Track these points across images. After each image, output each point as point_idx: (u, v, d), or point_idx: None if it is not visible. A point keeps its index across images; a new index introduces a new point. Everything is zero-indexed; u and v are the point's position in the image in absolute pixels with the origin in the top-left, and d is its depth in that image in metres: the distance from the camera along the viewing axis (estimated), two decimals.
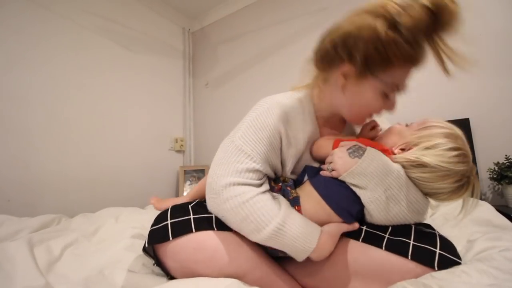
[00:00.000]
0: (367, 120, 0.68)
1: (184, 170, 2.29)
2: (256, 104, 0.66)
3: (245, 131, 0.60)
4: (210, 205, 0.58)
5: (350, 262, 0.53)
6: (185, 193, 2.19)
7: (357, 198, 0.54)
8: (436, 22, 0.49)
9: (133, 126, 2.06)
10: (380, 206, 0.52)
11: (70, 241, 0.82)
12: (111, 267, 0.67)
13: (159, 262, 0.60)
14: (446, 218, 0.80)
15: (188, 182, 2.26)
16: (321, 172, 0.60)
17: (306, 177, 0.63)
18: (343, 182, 0.56)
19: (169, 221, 0.57)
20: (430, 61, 1.64)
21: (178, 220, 0.57)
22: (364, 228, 0.56)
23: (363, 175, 0.53)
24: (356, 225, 0.56)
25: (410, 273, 0.48)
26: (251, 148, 0.58)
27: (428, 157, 0.50)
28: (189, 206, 0.61)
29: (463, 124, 1.39)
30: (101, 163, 1.81)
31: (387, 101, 0.60)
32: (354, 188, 0.55)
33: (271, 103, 0.63)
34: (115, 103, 1.95)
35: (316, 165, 0.67)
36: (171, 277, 0.60)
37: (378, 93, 0.57)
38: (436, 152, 0.51)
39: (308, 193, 0.59)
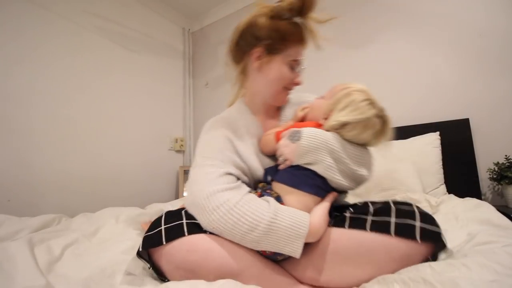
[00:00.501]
0: (285, 99, 0.80)
1: (184, 170, 2.29)
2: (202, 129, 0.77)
3: (200, 151, 0.70)
4: (200, 219, 0.59)
5: (340, 249, 0.56)
6: (185, 193, 2.19)
7: (316, 174, 0.61)
8: (303, 6, 0.70)
9: (133, 126, 2.06)
10: (333, 170, 0.59)
11: (70, 241, 0.82)
12: (112, 267, 0.67)
13: (154, 266, 0.60)
14: (447, 217, 0.80)
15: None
16: (279, 167, 0.65)
17: (269, 177, 0.68)
18: (299, 167, 0.62)
19: (163, 227, 0.58)
20: (428, 61, 1.64)
21: (172, 225, 0.58)
22: (348, 215, 0.60)
23: (308, 152, 0.59)
24: (334, 194, 0.63)
25: (395, 249, 0.52)
26: (211, 160, 0.65)
27: (345, 117, 0.60)
28: (182, 212, 0.62)
29: (463, 125, 1.39)
30: (101, 163, 1.81)
31: (294, 74, 0.76)
32: (310, 167, 0.61)
33: (211, 121, 0.77)
34: (115, 103, 1.95)
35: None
36: (166, 280, 0.59)
37: (285, 65, 0.73)
38: (349, 109, 0.60)
39: (282, 189, 0.63)
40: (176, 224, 0.58)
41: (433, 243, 0.53)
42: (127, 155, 1.98)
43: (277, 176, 0.65)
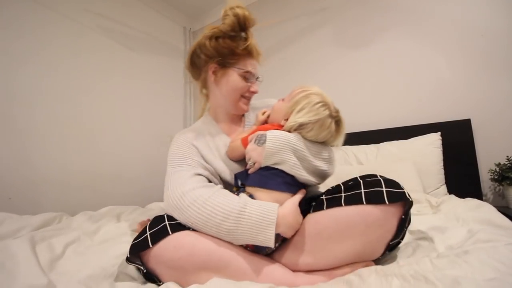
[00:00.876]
0: (245, 107, 0.85)
1: None
2: None
3: (169, 161, 0.76)
4: (178, 217, 0.63)
5: (323, 230, 0.60)
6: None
7: (282, 172, 0.65)
8: (241, 24, 0.78)
9: (134, 124, 2.06)
10: (298, 168, 0.64)
11: (72, 239, 0.82)
12: (113, 266, 0.67)
13: (147, 271, 0.61)
14: (448, 217, 0.80)
15: None
16: (249, 171, 0.68)
17: (239, 182, 0.72)
18: (268, 168, 0.66)
19: (148, 233, 0.61)
20: (429, 61, 1.64)
21: (156, 229, 0.61)
22: (324, 197, 0.64)
23: (274, 153, 0.63)
24: (303, 190, 0.67)
25: (369, 215, 0.56)
26: (180, 166, 0.71)
27: (302, 118, 0.65)
28: (164, 215, 0.66)
29: (465, 125, 1.39)
30: (102, 161, 1.81)
31: (249, 84, 0.81)
32: (277, 166, 0.65)
33: (177, 134, 0.84)
34: (116, 102, 1.95)
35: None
36: (161, 282, 0.60)
37: (239, 77, 0.80)
38: (305, 111, 0.66)
39: (254, 190, 0.66)
40: (160, 228, 0.61)
41: (401, 202, 0.57)
42: (128, 154, 1.98)
43: (247, 180, 0.68)
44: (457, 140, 1.38)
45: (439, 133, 1.40)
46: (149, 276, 0.61)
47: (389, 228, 0.57)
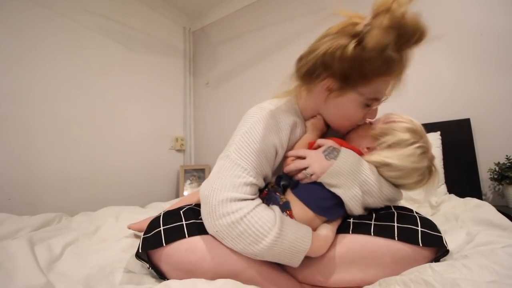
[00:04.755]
0: (345, 130, 0.70)
1: (185, 170, 2.29)
2: (246, 114, 0.66)
3: (238, 145, 0.60)
4: (205, 219, 0.56)
5: (344, 252, 0.56)
6: (185, 193, 2.20)
7: (335, 197, 0.57)
8: (401, 38, 0.53)
9: (134, 125, 2.06)
10: (358, 201, 0.57)
11: (70, 240, 0.82)
12: (111, 266, 0.67)
13: (153, 266, 0.60)
14: (447, 217, 0.80)
15: (188, 182, 2.26)
16: (301, 180, 0.61)
17: (283, 182, 0.64)
18: (320, 185, 0.58)
19: (162, 228, 0.58)
20: (430, 62, 1.63)
21: (171, 226, 0.58)
22: (352, 220, 0.60)
23: (340, 174, 0.56)
24: (339, 221, 0.61)
25: (399, 252, 0.53)
26: (246, 162, 0.58)
27: (392, 159, 0.55)
28: (181, 212, 0.62)
29: (464, 125, 1.39)
30: (101, 162, 1.81)
31: (368, 111, 0.64)
32: (332, 189, 0.57)
33: (260, 114, 0.64)
34: (115, 102, 1.95)
35: None
36: (167, 279, 0.60)
37: (358, 105, 0.61)
38: (399, 152, 0.55)
39: (294, 198, 0.61)
40: (176, 226, 0.58)
41: (435, 247, 0.54)
42: (128, 154, 1.98)
43: (293, 187, 0.62)
44: (457, 140, 1.38)
45: (438, 132, 1.40)
46: (154, 269, 0.60)
47: (414, 265, 0.53)
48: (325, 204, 0.58)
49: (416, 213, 0.57)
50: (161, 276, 0.60)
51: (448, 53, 1.49)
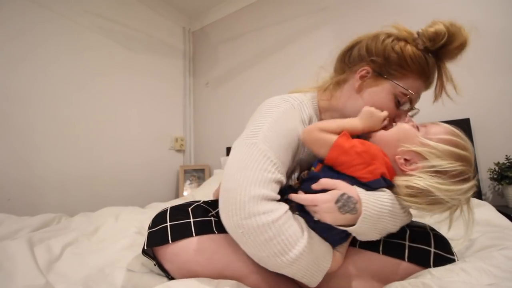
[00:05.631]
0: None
1: (184, 170, 2.29)
2: (266, 104, 0.62)
3: (267, 134, 0.53)
4: (227, 216, 0.49)
5: (350, 267, 0.54)
6: (185, 193, 2.19)
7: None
8: (447, 45, 0.57)
9: (133, 125, 2.06)
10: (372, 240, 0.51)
11: (70, 240, 0.82)
12: (111, 266, 0.67)
13: (159, 263, 0.60)
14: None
15: (188, 182, 2.26)
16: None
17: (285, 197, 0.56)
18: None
19: (168, 223, 0.56)
20: None
21: (178, 223, 0.56)
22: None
23: (357, 234, 0.48)
24: (349, 240, 0.55)
25: (407, 273, 0.50)
26: (276, 156, 0.52)
27: (439, 192, 0.44)
28: (189, 209, 0.60)
29: (464, 124, 1.39)
30: (101, 162, 1.81)
31: (398, 111, 0.61)
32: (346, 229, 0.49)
33: (287, 105, 0.60)
34: (115, 102, 1.95)
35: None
36: (171, 277, 0.60)
37: (391, 95, 0.59)
38: (445, 183, 0.45)
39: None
40: (183, 223, 0.56)
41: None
42: (127, 154, 1.98)
43: (298, 207, 0.53)
44: None
45: None
46: (160, 266, 0.60)
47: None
48: (334, 234, 0.51)
49: (431, 229, 0.53)
50: (167, 274, 0.59)
51: None
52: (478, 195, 1.31)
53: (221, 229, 0.55)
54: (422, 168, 0.47)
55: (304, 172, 0.60)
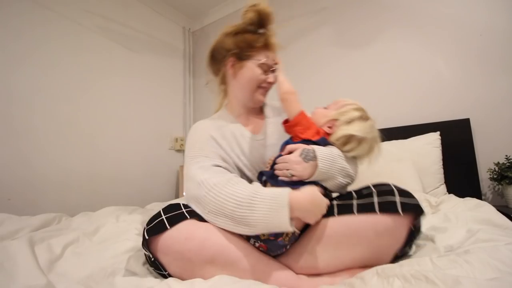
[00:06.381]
0: (261, 97, 0.86)
1: None
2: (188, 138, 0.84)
3: (187, 153, 0.76)
4: (199, 209, 0.64)
5: (331, 235, 0.61)
6: (185, 193, 2.19)
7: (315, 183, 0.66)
8: (261, 20, 0.81)
9: (134, 125, 2.06)
10: (341, 187, 0.67)
11: (71, 240, 0.82)
12: (112, 266, 0.67)
13: (156, 261, 0.61)
14: (447, 216, 0.80)
15: None
16: (281, 178, 0.67)
17: (263, 178, 0.72)
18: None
19: (164, 217, 0.62)
20: (429, 61, 1.63)
21: (173, 214, 0.62)
22: (335, 203, 0.65)
23: (325, 174, 0.64)
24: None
25: (380, 224, 0.57)
26: (197, 158, 0.72)
27: (354, 131, 0.67)
28: (181, 204, 0.67)
29: (464, 125, 1.39)
30: (101, 162, 1.81)
31: (266, 76, 0.83)
32: (320, 182, 0.66)
33: (195, 124, 0.85)
34: (115, 102, 1.95)
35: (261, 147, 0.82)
36: (168, 274, 0.61)
37: (256, 68, 0.81)
38: (356, 125, 0.68)
39: None
40: (177, 213, 0.62)
41: (413, 213, 0.58)
42: (127, 154, 1.98)
43: (275, 182, 0.67)
44: (456, 140, 1.38)
45: (438, 132, 1.40)
46: (154, 264, 0.62)
47: (398, 237, 0.58)
48: (298, 185, 0.65)
49: (394, 185, 0.62)
50: (161, 270, 0.61)
51: (447, 53, 1.49)
52: (478, 195, 1.31)
53: None
54: (340, 124, 0.70)
55: (271, 158, 0.76)
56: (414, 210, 0.57)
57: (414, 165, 1.29)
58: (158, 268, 0.62)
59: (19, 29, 1.50)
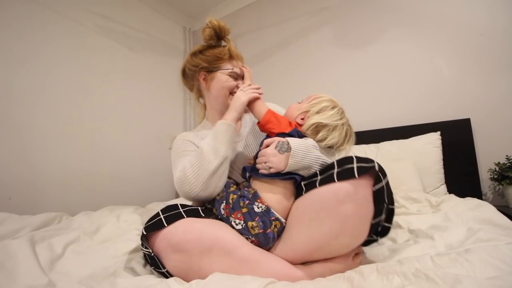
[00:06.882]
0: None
1: None
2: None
3: (172, 156, 0.87)
4: (187, 189, 0.73)
5: (301, 214, 0.63)
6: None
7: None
8: (218, 34, 0.91)
9: (134, 124, 2.06)
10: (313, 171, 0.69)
11: (72, 239, 0.82)
12: (113, 266, 0.67)
13: (156, 258, 0.62)
14: (448, 216, 0.80)
15: None
16: (261, 171, 0.71)
17: (247, 174, 0.77)
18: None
19: (162, 216, 0.64)
20: (429, 61, 1.63)
21: (170, 214, 0.65)
22: (303, 183, 0.68)
23: (298, 164, 0.66)
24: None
25: (340, 191, 0.57)
26: (180, 157, 0.82)
27: (323, 119, 0.71)
28: (178, 204, 0.70)
29: (464, 125, 1.39)
30: (101, 161, 1.81)
31: (236, 82, 0.92)
32: (296, 172, 0.69)
33: (176, 137, 0.95)
34: (115, 101, 1.95)
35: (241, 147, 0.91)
36: (166, 271, 0.62)
37: (226, 76, 0.91)
38: (325, 114, 0.73)
39: (260, 186, 0.71)
40: (175, 212, 0.65)
41: (369, 174, 0.58)
42: (128, 154, 1.98)
43: (255, 174, 0.72)
44: (457, 140, 1.38)
45: (438, 132, 1.40)
46: (153, 261, 0.63)
47: (362, 202, 0.57)
48: (285, 176, 0.69)
49: (355, 155, 0.62)
50: (160, 268, 0.62)
51: (448, 53, 1.49)
52: (478, 195, 1.31)
53: (207, 215, 0.69)
54: (311, 115, 0.74)
55: (251, 159, 0.86)
56: (369, 170, 0.57)
57: (415, 165, 1.29)
58: (157, 266, 0.62)
59: (20, 29, 1.51)
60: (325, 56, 1.92)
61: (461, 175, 1.35)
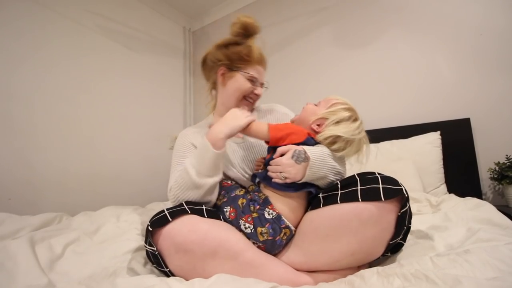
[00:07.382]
0: (245, 108, 0.92)
1: None
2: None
3: (172, 158, 0.87)
4: (179, 196, 0.72)
5: (317, 228, 0.61)
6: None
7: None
8: (246, 31, 0.87)
9: (134, 125, 2.06)
10: (330, 184, 0.67)
11: (71, 239, 0.82)
12: (113, 266, 0.67)
13: (159, 256, 0.61)
14: (448, 216, 0.80)
15: None
16: (274, 180, 0.67)
17: (257, 179, 0.75)
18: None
19: (166, 212, 0.62)
20: (429, 61, 1.63)
21: (174, 210, 0.63)
22: (321, 195, 0.65)
23: (315, 175, 0.65)
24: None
25: (364, 212, 0.55)
26: (178, 164, 0.82)
27: (341, 132, 0.67)
28: (183, 202, 0.69)
29: (464, 124, 1.39)
30: (102, 161, 1.81)
31: (253, 87, 0.89)
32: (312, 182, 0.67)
33: (180, 133, 0.95)
34: (116, 102, 1.95)
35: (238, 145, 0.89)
36: (169, 271, 0.61)
37: (245, 79, 0.88)
38: (344, 126, 0.68)
39: (272, 194, 0.69)
40: (179, 209, 0.64)
41: (397, 199, 0.56)
42: (128, 154, 1.98)
43: (268, 183, 0.69)
44: (457, 139, 1.38)
45: (438, 132, 1.40)
46: (156, 260, 0.62)
47: (385, 226, 0.56)
48: (297, 186, 0.67)
49: (379, 173, 0.60)
50: (162, 267, 0.61)
51: (448, 53, 1.49)
52: (478, 194, 1.31)
53: (211, 215, 0.66)
54: (328, 124, 0.70)
55: (259, 159, 0.84)
56: (397, 195, 0.55)
57: (415, 164, 1.29)
58: (159, 264, 0.62)
59: (19, 28, 1.50)
60: (325, 56, 1.92)
61: (461, 174, 1.35)
